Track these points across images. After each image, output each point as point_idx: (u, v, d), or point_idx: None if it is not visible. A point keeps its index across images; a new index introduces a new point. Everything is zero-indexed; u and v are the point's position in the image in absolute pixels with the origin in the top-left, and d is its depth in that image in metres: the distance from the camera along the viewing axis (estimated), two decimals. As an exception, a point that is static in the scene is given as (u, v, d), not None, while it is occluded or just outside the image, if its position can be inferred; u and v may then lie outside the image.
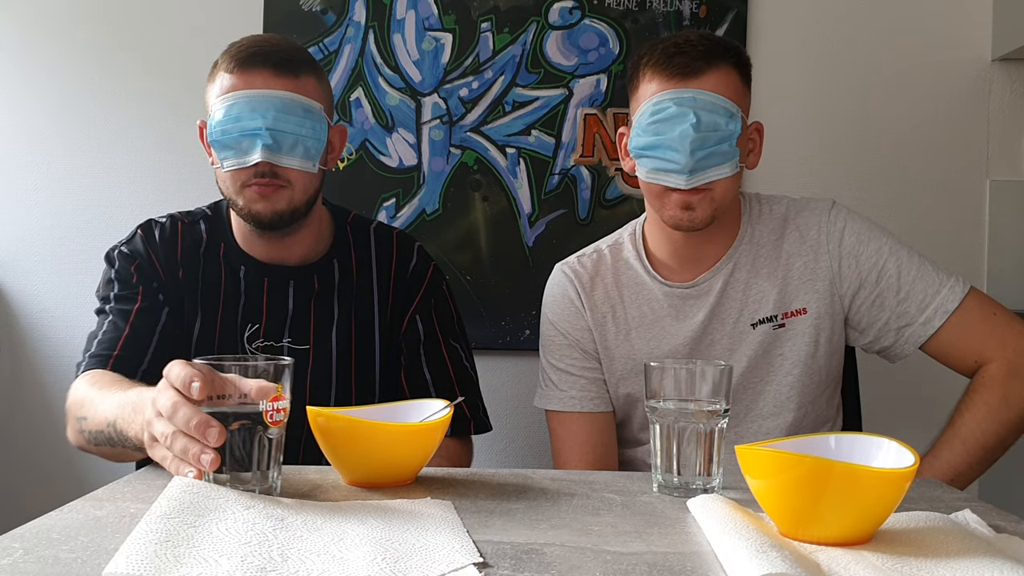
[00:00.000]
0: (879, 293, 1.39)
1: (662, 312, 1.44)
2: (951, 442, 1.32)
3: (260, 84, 1.30)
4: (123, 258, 1.41)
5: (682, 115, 1.29)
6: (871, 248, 1.40)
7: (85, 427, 1.21)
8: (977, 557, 0.74)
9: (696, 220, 1.34)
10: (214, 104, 1.32)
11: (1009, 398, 1.32)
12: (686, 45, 1.33)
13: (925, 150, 2.14)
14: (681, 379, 1.00)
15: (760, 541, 0.74)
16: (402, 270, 1.48)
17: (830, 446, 0.88)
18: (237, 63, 1.32)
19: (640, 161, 1.35)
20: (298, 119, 1.30)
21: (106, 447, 1.17)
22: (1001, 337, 1.35)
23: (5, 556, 0.72)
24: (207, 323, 1.40)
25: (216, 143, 1.31)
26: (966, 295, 1.37)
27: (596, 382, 1.47)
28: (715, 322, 1.42)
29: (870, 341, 1.42)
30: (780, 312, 1.40)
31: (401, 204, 2.11)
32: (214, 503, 0.84)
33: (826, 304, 1.40)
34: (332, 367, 1.41)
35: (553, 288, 1.52)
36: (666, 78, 1.32)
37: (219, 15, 2.12)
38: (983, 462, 1.32)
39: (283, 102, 1.30)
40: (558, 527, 0.84)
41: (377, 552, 0.73)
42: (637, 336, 1.45)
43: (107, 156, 2.13)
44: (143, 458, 1.12)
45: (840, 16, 2.13)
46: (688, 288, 1.43)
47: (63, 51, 2.13)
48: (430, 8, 2.10)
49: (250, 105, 1.29)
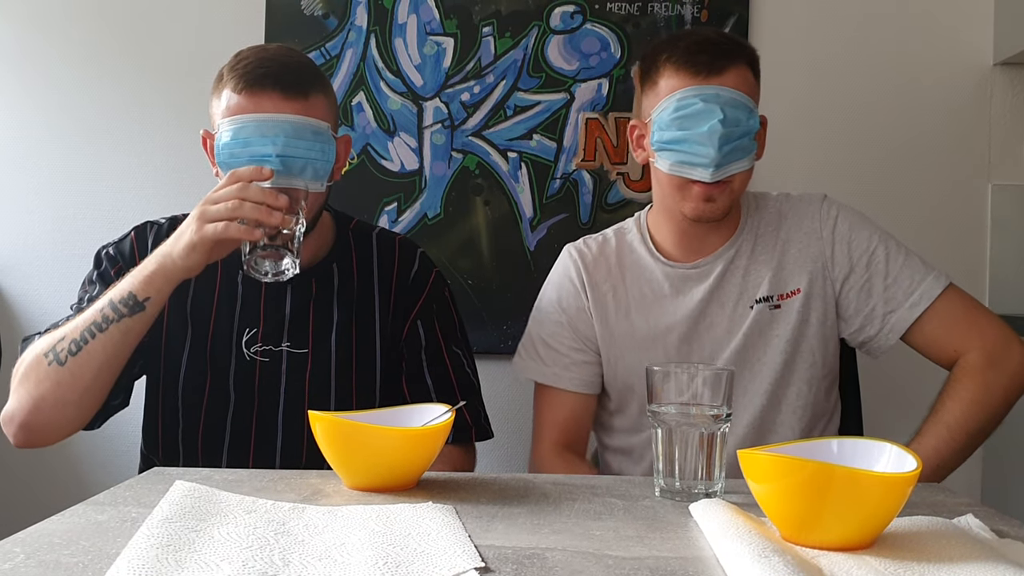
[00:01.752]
0: (868, 278, 1.43)
1: (662, 292, 1.48)
2: (936, 429, 1.35)
3: (269, 107, 1.29)
4: (108, 259, 1.41)
5: (709, 111, 1.33)
6: (862, 235, 1.45)
7: (61, 346, 1.24)
8: (980, 562, 0.74)
9: (717, 212, 1.40)
10: (221, 124, 1.30)
11: (989, 386, 1.36)
12: (708, 43, 1.38)
13: (927, 154, 2.14)
14: (683, 383, 1.00)
15: (762, 546, 0.74)
16: (404, 276, 1.47)
17: (832, 451, 0.88)
18: (245, 84, 1.30)
19: (663, 154, 1.39)
20: (308, 143, 1.29)
21: (83, 355, 1.23)
22: (980, 328, 1.40)
23: (7, 560, 0.72)
24: (200, 325, 1.40)
25: (224, 165, 1.29)
26: (948, 286, 1.42)
27: (579, 364, 1.50)
28: (714, 304, 1.46)
29: (856, 330, 1.45)
30: (776, 293, 1.45)
31: (403, 208, 2.11)
32: (216, 507, 0.84)
33: (819, 286, 1.45)
34: (331, 371, 1.41)
35: (557, 267, 1.57)
36: (691, 75, 1.36)
37: (220, 19, 2.12)
38: (966, 448, 1.36)
39: (293, 127, 1.28)
40: (560, 531, 0.84)
41: (379, 557, 0.73)
42: (637, 314, 1.49)
43: (107, 160, 2.13)
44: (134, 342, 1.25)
45: (841, 20, 2.13)
46: (689, 269, 1.48)
47: (62, 55, 2.13)
48: (432, 12, 2.10)
49: (259, 130, 1.27)
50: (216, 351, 1.38)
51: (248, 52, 1.36)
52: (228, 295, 1.41)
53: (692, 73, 1.36)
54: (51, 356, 1.25)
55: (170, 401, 1.39)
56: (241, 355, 1.39)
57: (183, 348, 1.39)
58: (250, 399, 1.39)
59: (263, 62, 1.32)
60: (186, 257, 1.23)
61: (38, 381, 1.25)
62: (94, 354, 1.24)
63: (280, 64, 1.32)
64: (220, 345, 1.39)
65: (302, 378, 1.40)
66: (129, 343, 1.26)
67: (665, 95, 1.37)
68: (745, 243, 1.48)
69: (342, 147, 1.41)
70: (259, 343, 1.40)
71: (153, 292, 1.24)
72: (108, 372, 1.26)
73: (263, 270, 1.24)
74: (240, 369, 1.39)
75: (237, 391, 1.39)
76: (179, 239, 1.24)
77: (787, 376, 1.44)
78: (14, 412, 1.27)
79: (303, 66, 1.36)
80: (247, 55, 1.35)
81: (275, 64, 1.32)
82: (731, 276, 1.46)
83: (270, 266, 1.24)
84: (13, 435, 1.28)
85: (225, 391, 1.38)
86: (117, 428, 1.45)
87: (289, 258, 1.24)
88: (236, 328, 1.40)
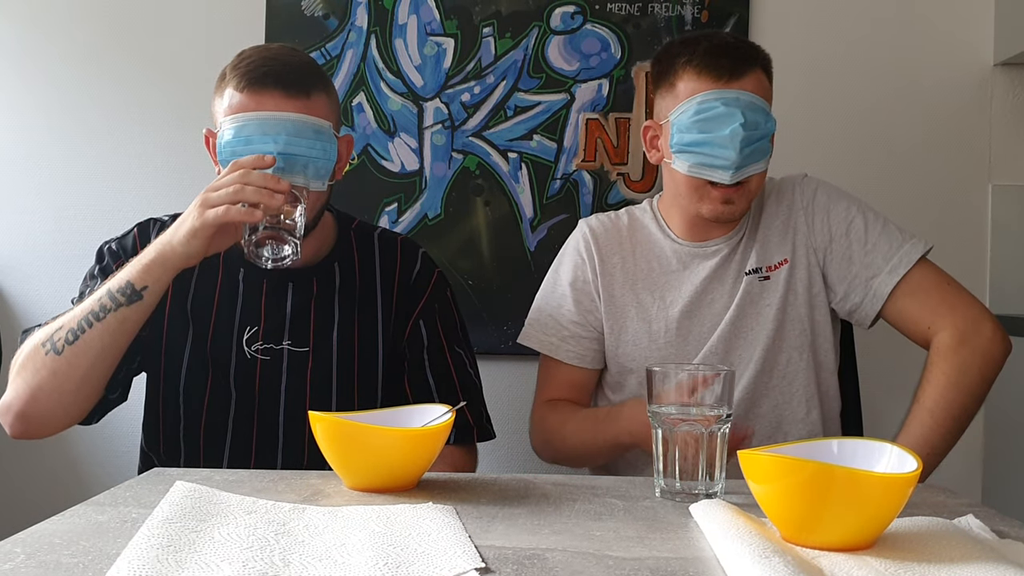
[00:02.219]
0: (848, 245, 1.47)
1: (670, 267, 1.53)
2: (920, 416, 1.38)
3: (271, 106, 1.30)
4: (110, 254, 1.42)
5: (730, 115, 1.37)
6: (840, 206, 1.50)
7: (59, 336, 1.24)
8: (980, 562, 0.74)
9: (735, 213, 1.45)
10: (224, 122, 1.31)
11: (964, 366, 1.39)
12: (727, 48, 1.42)
13: (927, 154, 2.14)
14: (683, 384, 1.00)
15: (763, 546, 0.74)
16: (406, 275, 1.48)
17: (832, 451, 0.88)
18: (247, 82, 1.31)
19: (681, 156, 1.42)
20: (309, 141, 1.30)
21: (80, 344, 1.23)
22: (951, 304, 1.43)
23: (7, 561, 0.72)
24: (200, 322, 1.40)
25: (226, 163, 1.30)
26: (926, 254, 1.45)
27: (576, 338, 1.54)
28: (715, 281, 1.51)
29: (841, 298, 1.49)
30: (764, 265, 1.50)
31: (403, 209, 2.11)
32: (216, 508, 0.84)
33: (802, 256, 1.49)
34: (332, 370, 1.41)
35: (570, 241, 1.62)
36: (713, 79, 1.39)
37: (221, 20, 2.12)
38: (953, 431, 1.38)
39: (294, 125, 1.29)
40: (560, 532, 0.84)
41: (379, 557, 0.73)
42: (643, 287, 1.53)
43: (108, 160, 2.13)
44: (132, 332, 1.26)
45: (841, 21, 2.13)
46: (696, 247, 1.52)
47: (63, 55, 2.13)
48: (432, 13, 2.11)
49: (261, 128, 1.28)
50: (217, 349, 1.38)
51: (251, 51, 1.36)
52: (229, 293, 1.41)
53: (714, 77, 1.39)
54: (48, 345, 1.25)
55: (171, 398, 1.40)
56: (242, 353, 1.39)
57: (184, 345, 1.39)
58: (251, 397, 1.39)
59: (266, 61, 1.33)
60: (186, 244, 1.23)
61: (35, 370, 1.25)
62: (91, 343, 1.24)
63: (282, 63, 1.33)
64: (221, 343, 1.39)
65: (303, 376, 1.40)
66: (127, 332, 1.26)
67: (685, 98, 1.40)
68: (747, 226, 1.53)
69: (344, 146, 1.41)
70: (260, 341, 1.40)
71: (151, 281, 1.24)
72: (104, 363, 1.26)
73: (263, 255, 1.25)
74: (241, 367, 1.39)
75: (238, 389, 1.39)
76: (180, 226, 1.25)
77: (778, 343, 1.48)
78: (11, 402, 1.27)
79: (305, 65, 1.37)
80: (250, 54, 1.35)
81: (277, 63, 1.32)
82: (733, 255, 1.51)
83: (270, 251, 1.25)
84: (10, 425, 1.28)
85: (226, 389, 1.38)
86: (117, 428, 1.46)
87: (291, 245, 1.25)
88: (237, 326, 1.40)
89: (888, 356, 1.91)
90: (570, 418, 1.50)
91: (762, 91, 1.42)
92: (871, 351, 1.88)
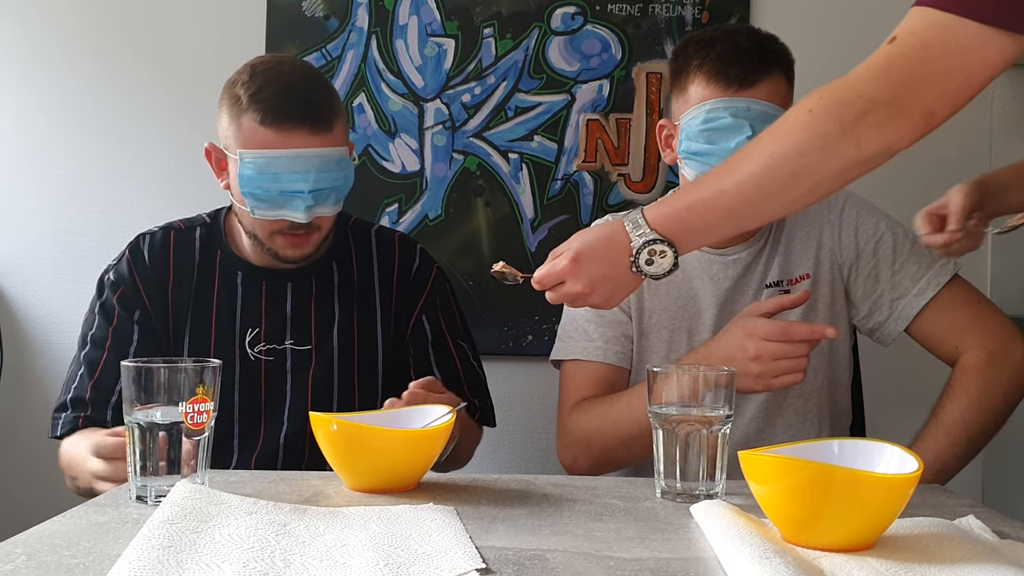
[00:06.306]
0: (875, 264, 1.43)
1: (692, 274, 1.47)
2: (935, 433, 1.35)
3: (298, 143, 1.30)
4: (110, 286, 1.42)
5: (738, 127, 1.32)
6: (870, 222, 1.45)
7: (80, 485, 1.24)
8: (981, 563, 0.74)
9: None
10: (245, 155, 1.30)
11: (989, 387, 1.35)
12: (741, 54, 1.35)
13: (927, 156, 2.13)
14: (684, 384, 1.00)
15: (763, 547, 0.74)
16: (405, 271, 1.49)
17: (833, 452, 0.88)
18: (272, 119, 1.29)
19: (689, 163, 1.38)
20: (334, 174, 1.32)
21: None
22: (982, 325, 1.39)
23: (8, 561, 0.72)
24: (201, 330, 1.40)
25: (250, 195, 1.30)
26: (955, 275, 1.42)
27: (619, 338, 1.46)
28: (737, 292, 1.46)
29: (864, 315, 1.45)
30: (785, 278, 1.45)
31: (404, 209, 2.11)
32: (217, 509, 0.84)
33: (826, 271, 1.45)
34: (334, 367, 1.42)
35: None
36: (722, 87, 1.34)
37: (221, 20, 2.12)
38: (968, 451, 1.35)
39: (322, 161, 1.31)
40: (561, 533, 0.84)
41: (379, 558, 0.73)
42: (666, 293, 1.46)
43: (109, 161, 2.13)
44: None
45: (841, 21, 2.13)
46: (716, 254, 1.46)
47: (64, 55, 2.13)
48: (433, 14, 2.11)
49: (290, 166, 1.29)
50: (220, 353, 1.39)
51: (264, 75, 1.33)
52: (228, 297, 1.41)
53: (724, 86, 1.34)
54: (69, 482, 1.27)
55: None
56: (245, 355, 1.40)
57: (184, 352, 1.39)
58: (256, 398, 1.40)
59: (286, 91, 1.31)
60: None
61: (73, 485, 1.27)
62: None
63: (304, 97, 1.32)
64: (223, 347, 1.39)
65: (306, 375, 1.41)
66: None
67: (695, 103, 1.36)
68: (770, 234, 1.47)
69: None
70: (262, 343, 1.40)
71: None
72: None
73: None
74: (245, 369, 1.39)
75: (241, 392, 1.39)
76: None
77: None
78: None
79: (324, 92, 1.37)
80: (264, 81, 1.32)
81: (299, 96, 1.31)
82: (755, 264, 1.46)
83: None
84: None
85: (230, 392, 1.39)
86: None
87: None
88: (238, 329, 1.40)
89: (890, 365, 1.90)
90: (612, 402, 1.37)
91: (778, 98, 1.35)
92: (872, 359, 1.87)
